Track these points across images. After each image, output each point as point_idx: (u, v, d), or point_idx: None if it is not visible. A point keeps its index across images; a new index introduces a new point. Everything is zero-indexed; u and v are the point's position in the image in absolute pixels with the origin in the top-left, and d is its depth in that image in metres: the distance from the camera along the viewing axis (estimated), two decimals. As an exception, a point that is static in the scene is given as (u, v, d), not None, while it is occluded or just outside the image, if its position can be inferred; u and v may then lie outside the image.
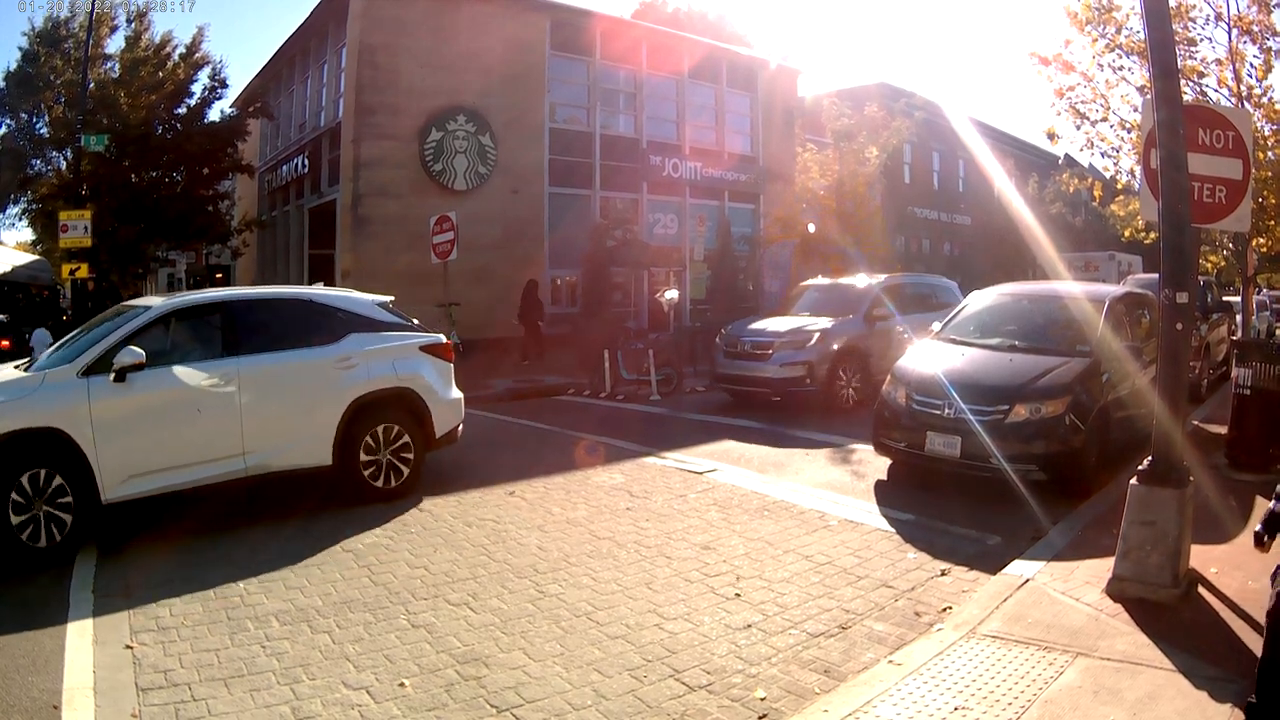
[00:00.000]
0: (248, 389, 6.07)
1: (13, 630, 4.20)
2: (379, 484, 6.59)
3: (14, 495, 5.15)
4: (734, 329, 11.81)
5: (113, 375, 5.57)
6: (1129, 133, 10.74)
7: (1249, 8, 10.05)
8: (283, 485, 6.58)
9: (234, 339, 6.18)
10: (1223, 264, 14.08)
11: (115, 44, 20.33)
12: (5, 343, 14.12)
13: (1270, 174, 9.94)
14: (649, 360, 12.52)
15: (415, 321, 7.30)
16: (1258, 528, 3.15)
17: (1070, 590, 4.47)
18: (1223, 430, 7.43)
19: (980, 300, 8.49)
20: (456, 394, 7.21)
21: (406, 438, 6.70)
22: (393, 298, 7.33)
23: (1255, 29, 9.96)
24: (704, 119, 24.93)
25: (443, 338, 7.23)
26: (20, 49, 19.61)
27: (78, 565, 5.21)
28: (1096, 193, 13.09)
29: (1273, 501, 3.15)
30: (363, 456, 6.50)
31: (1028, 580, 4.61)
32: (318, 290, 7.19)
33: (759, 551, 5.46)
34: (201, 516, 6.25)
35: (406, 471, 6.72)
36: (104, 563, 5.29)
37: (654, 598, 4.69)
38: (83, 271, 15.99)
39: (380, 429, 6.58)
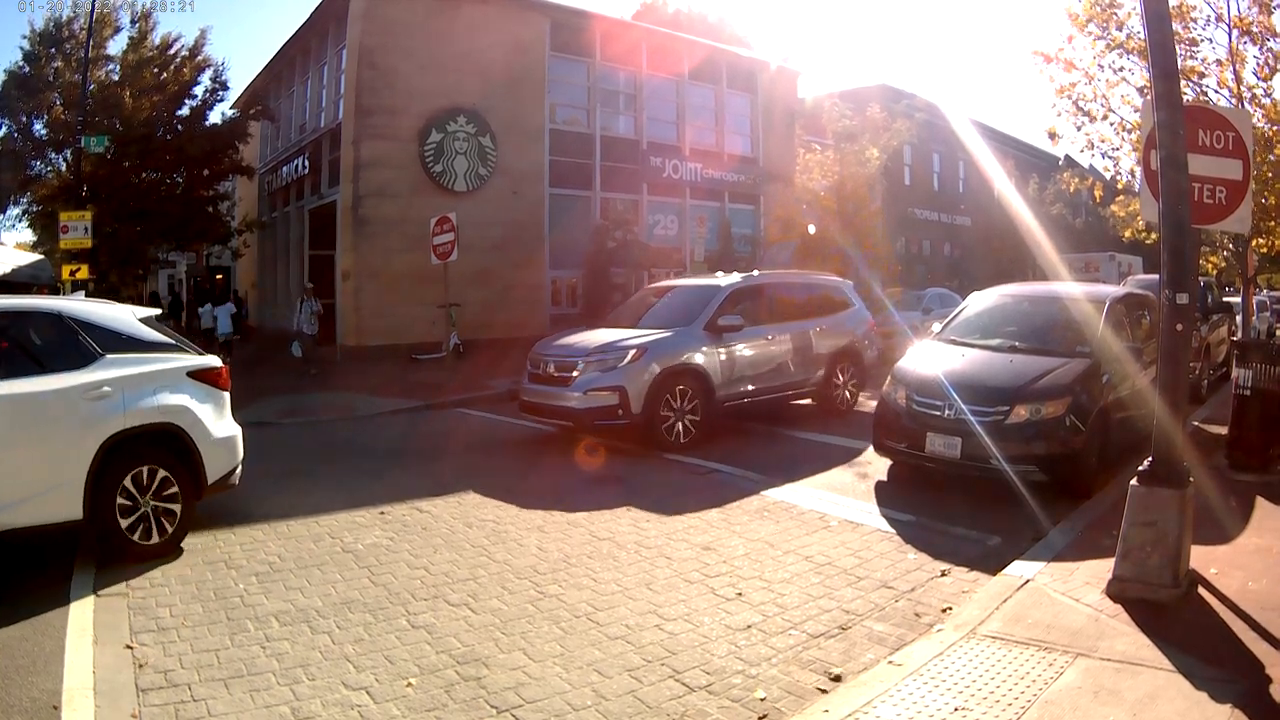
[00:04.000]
0: None
1: (13, 630, 4.20)
2: (140, 538, 5.35)
3: None
4: (541, 345, 9.67)
5: None
6: (1129, 133, 10.74)
7: (1249, 9, 10.05)
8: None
9: None
10: (1223, 265, 14.09)
11: (117, 45, 20.38)
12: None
13: (1271, 174, 9.93)
14: None
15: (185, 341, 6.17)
16: None
17: (1070, 591, 4.46)
18: (1223, 431, 7.42)
19: (980, 301, 8.48)
20: (232, 429, 6.01)
21: (173, 484, 5.51)
22: (159, 311, 6.32)
23: (1255, 30, 9.96)
24: (704, 120, 24.95)
25: (216, 361, 6.09)
26: (21, 49, 19.62)
27: (78, 566, 5.21)
28: (1097, 193, 13.08)
29: None
30: (120, 506, 5.27)
31: (1028, 581, 4.61)
32: (67, 301, 6.02)
33: (759, 552, 5.46)
34: (200, 517, 6.26)
35: (174, 523, 5.51)
36: (104, 563, 5.29)
37: (654, 598, 4.68)
38: (83, 273, 15.99)
39: (140, 472, 5.37)
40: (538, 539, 5.78)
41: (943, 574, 5.01)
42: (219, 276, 29.62)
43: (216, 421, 5.86)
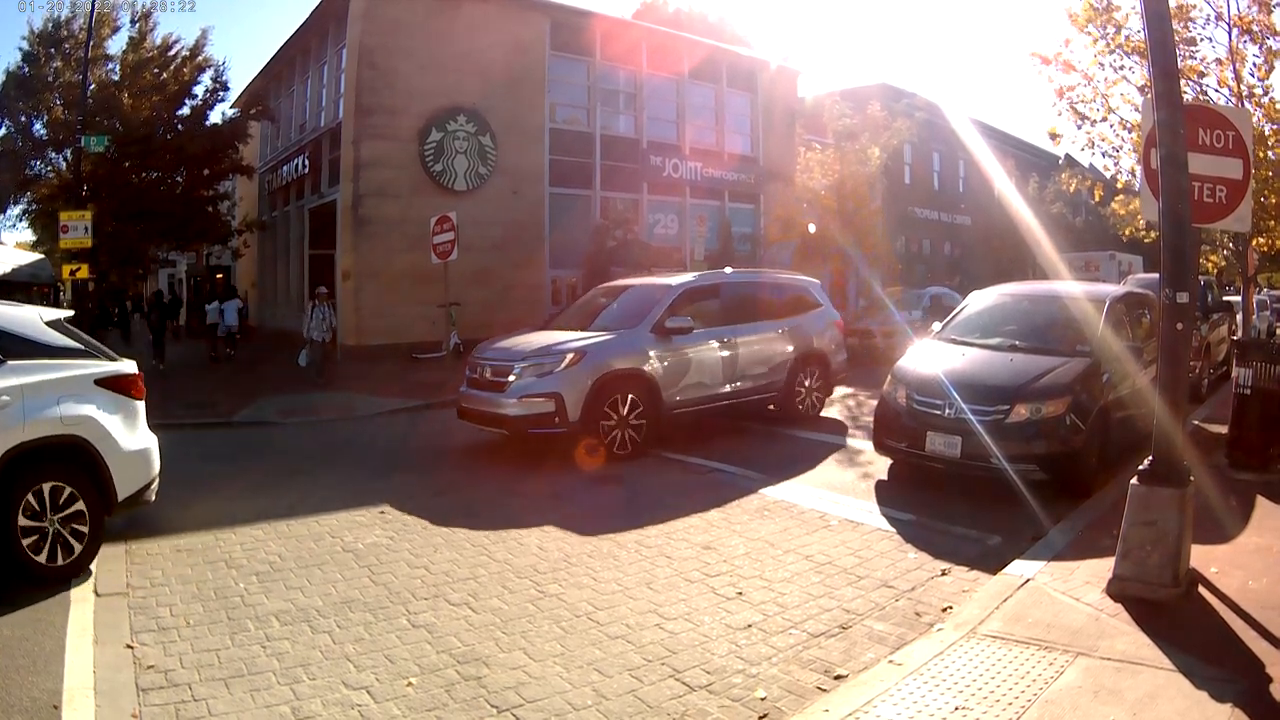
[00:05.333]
0: None
1: (13, 630, 4.20)
2: (45, 560, 4.89)
3: None
4: (480, 349, 9.15)
5: None
6: (1129, 132, 10.75)
7: (1249, 8, 10.06)
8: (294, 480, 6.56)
9: None
10: (1223, 264, 14.09)
11: (116, 45, 20.40)
12: None
13: (1270, 173, 9.93)
14: None
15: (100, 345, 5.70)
16: None
17: (1070, 590, 4.47)
18: (1223, 430, 7.43)
19: (981, 300, 8.48)
20: (146, 441, 5.59)
21: (80, 501, 5.06)
22: (71, 313, 5.92)
23: (1255, 29, 9.96)
24: (704, 119, 24.94)
25: (128, 368, 5.60)
26: (20, 50, 19.63)
27: (78, 565, 5.21)
28: (1097, 193, 13.09)
29: None
30: (23, 524, 4.82)
31: (1028, 580, 4.61)
32: None
33: (759, 551, 5.47)
34: (201, 516, 6.27)
35: (82, 542, 5.04)
36: (104, 562, 5.29)
37: (654, 597, 4.69)
38: (83, 272, 16.01)
39: (44, 489, 4.92)
40: (538, 538, 5.78)
41: (943, 573, 5.01)
42: (219, 276, 29.68)
43: (127, 433, 5.42)
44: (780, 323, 9.96)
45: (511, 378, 8.16)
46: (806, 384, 10.19)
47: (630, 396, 8.30)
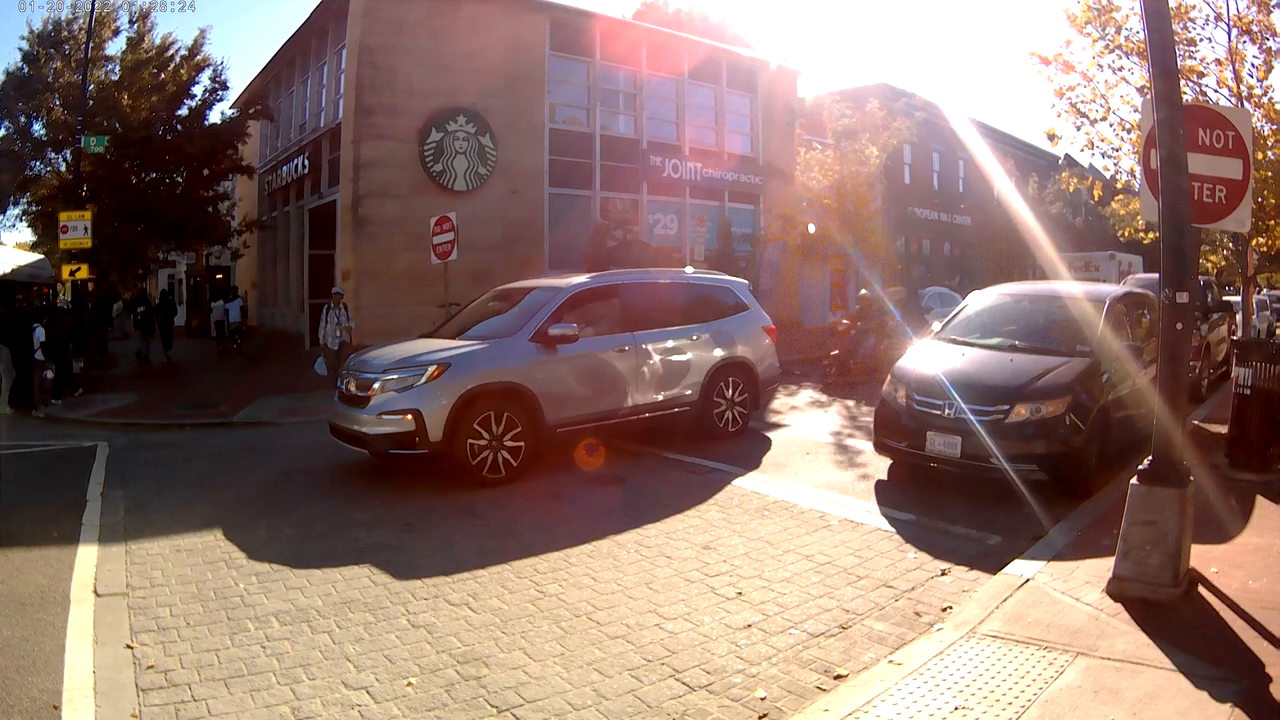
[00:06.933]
0: None
1: (13, 630, 4.20)
2: None
3: None
4: (353, 358, 8.23)
5: None
6: (1129, 133, 10.76)
7: (1249, 8, 10.08)
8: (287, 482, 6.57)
9: None
10: (1223, 264, 14.10)
11: (116, 46, 20.37)
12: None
13: (1270, 174, 9.95)
14: None
15: None
16: None
17: (1070, 590, 4.47)
18: (1223, 430, 7.43)
19: (980, 300, 8.49)
20: None
21: None
22: None
23: (1255, 29, 9.98)
24: (704, 119, 24.93)
25: None
26: (20, 50, 19.63)
27: (78, 564, 5.22)
28: (1096, 193, 13.10)
29: None
30: None
31: (1028, 580, 4.61)
32: None
33: (759, 551, 5.47)
34: (202, 516, 6.27)
35: None
36: (104, 562, 5.30)
37: (654, 597, 4.69)
38: (83, 272, 16.01)
39: None
40: (537, 537, 5.77)
41: (943, 573, 5.01)
42: (219, 276, 29.75)
43: None
44: (696, 328, 8.96)
45: (372, 391, 7.31)
46: (728, 395, 9.15)
47: (504, 413, 7.34)
